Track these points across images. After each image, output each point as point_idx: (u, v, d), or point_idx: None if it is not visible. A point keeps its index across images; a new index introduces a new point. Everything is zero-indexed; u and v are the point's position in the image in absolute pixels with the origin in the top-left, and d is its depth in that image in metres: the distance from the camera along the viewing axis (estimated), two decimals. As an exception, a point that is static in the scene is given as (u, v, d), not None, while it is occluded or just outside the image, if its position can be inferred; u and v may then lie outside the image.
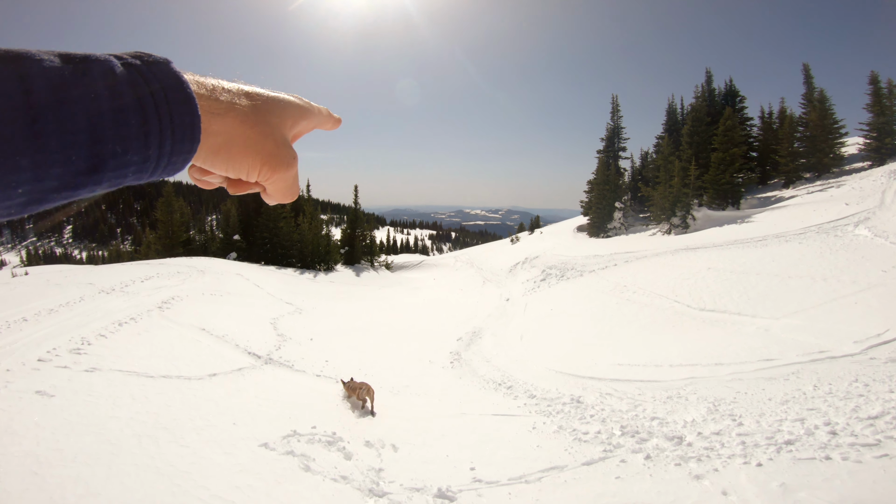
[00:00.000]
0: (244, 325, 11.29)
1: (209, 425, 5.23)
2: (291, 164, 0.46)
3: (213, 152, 0.40)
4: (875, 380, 5.66)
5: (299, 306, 16.05)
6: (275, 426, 5.58)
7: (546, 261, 22.14)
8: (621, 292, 13.60)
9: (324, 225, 32.98)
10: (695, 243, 17.37)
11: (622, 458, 4.91)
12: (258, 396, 6.66)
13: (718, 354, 7.85)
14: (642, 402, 6.55)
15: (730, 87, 33.25)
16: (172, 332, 9.20)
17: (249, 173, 0.44)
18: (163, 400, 5.72)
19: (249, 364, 8.38)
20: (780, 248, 13.03)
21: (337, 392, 7.61)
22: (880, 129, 24.51)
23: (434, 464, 5.21)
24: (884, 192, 16.62)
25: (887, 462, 3.82)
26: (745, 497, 3.71)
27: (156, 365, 7.06)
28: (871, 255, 10.64)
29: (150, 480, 3.89)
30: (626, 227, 30.42)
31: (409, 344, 12.50)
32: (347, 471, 4.73)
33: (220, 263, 20.81)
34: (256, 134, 0.42)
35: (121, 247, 67.15)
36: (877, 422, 4.55)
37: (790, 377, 6.36)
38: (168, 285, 13.78)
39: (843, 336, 7.33)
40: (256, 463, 4.56)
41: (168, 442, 4.61)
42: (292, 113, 0.46)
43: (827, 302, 8.92)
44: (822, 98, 27.43)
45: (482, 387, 8.68)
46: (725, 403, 5.91)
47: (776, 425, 4.96)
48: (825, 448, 4.25)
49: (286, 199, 0.50)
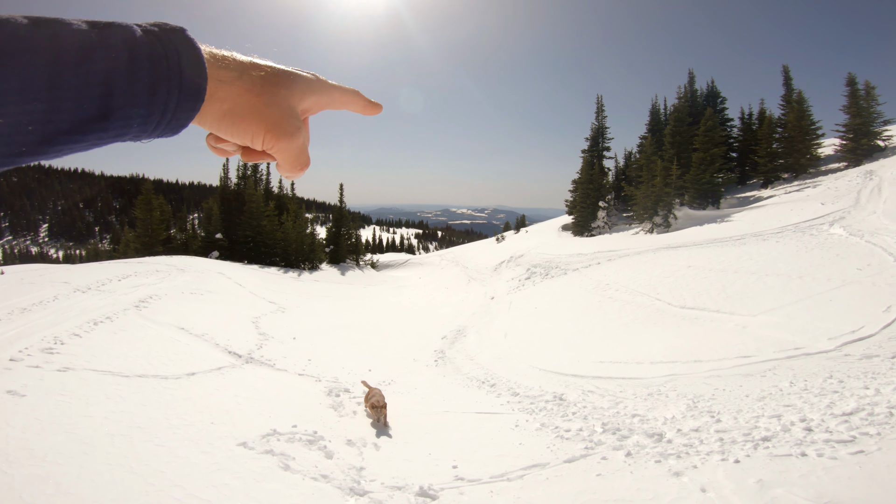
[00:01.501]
0: (225, 324, 11.14)
1: (186, 424, 5.16)
2: (295, 133, 0.47)
3: (219, 118, 0.43)
4: (849, 376, 5.80)
5: (282, 305, 15.88)
6: (254, 425, 5.51)
7: (531, 259, 22.25)
8: (604, 290, 13.73)
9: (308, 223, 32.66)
10: (676, 242, 17.62)
11: (603, 456, 4.94)
12: (238, 396, 6.57)
13: (697, 351, 7.97)
14: (623, 400, 6.62)
15: (711, 88, 33.81)
16: (150, 331, 9.04)
17: (254, 140, 0.46)
18: (138, 399, 5.64)
19: (229, 363, 8.27)
20: (758, 247, 13.29)
21: (318, 391, 7.55)
22: (856, 130, 25.06)
23: (416, 462, 5.19)
24: (859, 192, 17.06)
25: (862, 458, 3.89)
26: (723, 494, 3.75)
27: (132, 364, 6.94)
28: (845, 254, 10.91)
29: (123, 479, 3.83)
30: (609, 226, 30.73)
31: (394, 342, 12.47)
32: (328, 469, 4.68)
33: (200, 262, 20.46)
34: (262, 103, 0.44)
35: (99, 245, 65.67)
36: (851, 418, 4.65)
37: (767, 374, 6.49)
38: (146, 284, 13.50)
39: (819, 333, 7.50)
40: (234, 462, 4.50)
41: (143, 441, 4.55)
42: (302, 87, 0.48)
43: (803, 299, 9.12)
44: (800, 99, 28.04)
45: (466, 385, 8.69)
46: (704, 400, 6.00)
47: (753, 422, 5.05)
48: (801, 444, 4.33)
49: (294, 169, 0.51)
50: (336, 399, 7.30)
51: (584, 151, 35.20)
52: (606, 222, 30.87)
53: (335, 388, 7.84)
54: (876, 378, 5.55)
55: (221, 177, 32.19)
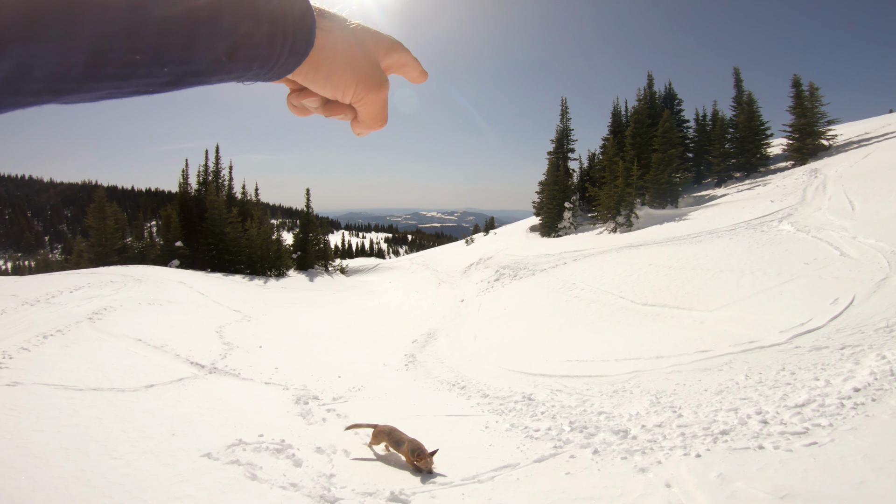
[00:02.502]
0: (186, 335, 10.81)
1: (145, 437, 5.03)
2: (383, 85, 0.51)
3: (316, 67, 0.45)
4: (800, 367, 6.11)
5: (248, 314, 15.50)
6: (218, 435, 5.38)
7: (499, 261, 22.47)
8: (570, 290, 14.02)
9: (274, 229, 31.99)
10: (637, 241, 18.17)
11: (571, 454, 5.03)
12: (201, 406, 6.41)
13: (659, 347, 8.24)
14: (590, 397, 6.77)
15: (669, 90, 35.07)
16: (104, 343, 8.76)
17: (345, 91, 0.48)
18: (93, 413, 5.49)
19: (191, 374, 8.05)
20: (713, 244, 13.86)
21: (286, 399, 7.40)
22: (802, 130, 26.30)
23: (387, 467, 5.17)
24: (805, 189, 18.04)
25: (816, 450, 4.08)
26: (687, 489, 3.88)
27: (85, 377, 6.74)
28: (793, 249, 11.51)
29: (79, 493, 3.71)
30: (575, 226, 31.36)
31: (364, 348, 12.35)
32: (297, 478, 4.60)
33: (159, 271, 19.76)
34: (355, 53, 0.47)
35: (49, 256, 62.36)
36: (804, 409, 4.90)
37: (724, 367, 6.77)
38: (100, 295, 12.99)
39: (770, 326, 7.88)
40: (198, 473, 4.39)
41: (99, 454, 4.43)
42: (385, 44, 0.51)
43: (755, 294, 9.57)
44: (749, 101, 29.40)
45: (436, 388, 8.69)
46: (666, 395, 6.21)
47: (712, 415, 5.26)
48: (758, 437, 4.53)
49: (376, 124, 0.54)
50: (305, 407, 7.19)
51: (550, 153, 35.81)
52: (572, 223, 31.49)
53: (304, 396, 7.71)
54: (826, 369, 5.86)
55: (181, 183, 31.14)
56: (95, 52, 0.30)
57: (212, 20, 0.34)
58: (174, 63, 0.34)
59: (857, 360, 5.85)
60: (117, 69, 0.31)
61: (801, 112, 26.73)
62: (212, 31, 0.35)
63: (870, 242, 10.60)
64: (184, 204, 30.12)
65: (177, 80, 0.35)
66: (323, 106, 0.52)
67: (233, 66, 0.38)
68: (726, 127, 30.30)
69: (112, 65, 0.31)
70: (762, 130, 28.56)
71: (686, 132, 33.57)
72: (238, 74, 0.39)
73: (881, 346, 6.15)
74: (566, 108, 36.01)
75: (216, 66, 0.36)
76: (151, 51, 0.32)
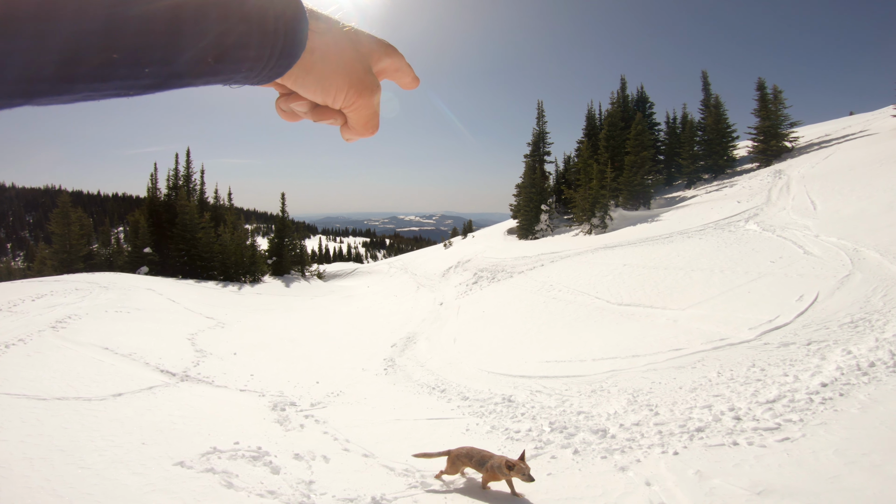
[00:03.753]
0: (156, 342, 10.54)
1: (114, 445, 4.90)
2: (375, 90, 0.50)
3: (308, 69, 0.44)
4: (770, 364, 6.30)
5: (221, 320, 15.14)
6: (192, 444, 5.25)
7: (478, 264, 22.55)
8: (548, 291, 14.16)
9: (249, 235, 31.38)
10: (612, 242, 18.52)
11: (552, 455, 5.08)
12: (172, 415, 6.25)
13: (635, 346, 8.38)
14: (569, 398, 6.84)
15: (641, 94, 35.96)
16: (69, 352, 8.53)
17: (336, 95, 0.47)
18: (58, 422, 5.34)
19: (162, 382, 7.85)
20: (684, 244, 14.24)
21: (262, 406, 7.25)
22: (766, 132, 27.24)
23: (368, 472, 5.11)
24: (769, 190, 18.72)
25: (789, 445, 4.21)
26: (667, 486, 3.94)
27: (49, 387, 6.56)
28: (759, 248, 11.91)
29: (45, 502, 3.62)
30: (551, 228, 31.76)
31: (342, 353, 12.21)
32: (275, 485, 4.51)
33: (127, 278, 19.17)
34: (348, 57, 0.47)
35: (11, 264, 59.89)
36: (775, 405, 5.05)
37: (697, 365, 6.94)
38: (64, 303, 12.59)
39: (740, 323, 8.12)
40: (171, 482, 4.27)
41: (65, 464, 4.30)
42: (378, 48, 0.50)
43: (725, 292, 9.85)
44: (717, 104, 30.34)
45: (416, 391, 8.65)
46: (643, 394, 6.32)
47: (687, 413, 5.37)
48: (732, 434, 4.65)
49: (367, 130, 0.53)
50: (282, 413, 7.07)
51: (527, 156, 36.20)
52: (549, 225, 31.88)
53: (280, 403, 7.58)
54: (794, 365, 6.06)
55: (149, 187, 30.28)
56: (70, 50, 0.28)
57: (197, 19, 0.33)
58: (156, 64, 0.32)
59: (824, 356, 6.07)
60: (94, 69, 0.30)
61: (765, 115, 27.68)
62: (197, 30, 0.33)
63: (832, 241, 11.04)
64: (153, 209, 29.28)
65: (159, 82, 0.34)
66: (312, 111, 0.50)
67: (219, 68, 0.36)
68: (695, 129, 31.22)
69: (88, 64, 0.29)
70: (729, 133, 29.51)
71: (657, 135, 34.48)
72: (225, 77, 0.38)
73: (846, 341, 6.40)
74: (542, 111, 36.50)
75: (201, 68, 0.35)
76: (131, 50, 0.30)
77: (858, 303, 7.61)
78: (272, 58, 0.39)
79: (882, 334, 6.30)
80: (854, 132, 24.97)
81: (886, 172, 14.33)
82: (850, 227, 11.56)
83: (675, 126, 34.44)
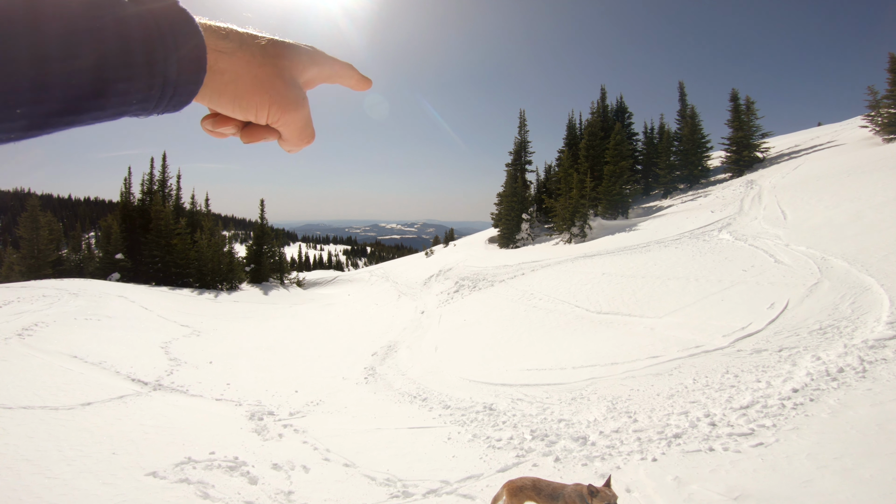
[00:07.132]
0: (127, 351, 10.31)
1: (82, 455, 4.79)
2: (301, 104, 0.47)
3: (220, 91, 0.42)
4: (743, 370, 6.46)
5: (197, 328, 14.83)
6: (165, 454, 5.15)
7: (459, 272, 22.60)
8: (528, 300, 14.27)
9: (226, 241, 30.79)
10: (591, 251, 18.79)
11: (534, 462, 5.10)
12: (144, 424, 6.14)
13: (614, 354, 8.50)
14: (550, 406, 6.89)
15: (620, 104, 36.70)
16: (35, 360, 8.32)
17: (258, 113, 0.45)
18: (24, 431, 5.23)
19: (133, 391, 7.67)
20: (661, 253, 14.54)
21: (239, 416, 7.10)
22: (739, 142, 27.94)
23: (349, 482, 5.06)
24: (742, 200, 19.26)
25: (763, 450, 4.31)
26: (647, 493, 3.99)
27: (14, 395, 6.40)
28: (732, 257, 12.24)
29: None
30: (532, 237, 32.03)
31: (322, 361, 12.07)
32: (253, 496, 4.44)
33: (97, 285, 18.64)
34: (265, 73, 0.43)
35: (-28, 271, 57.57)
36: (748, 411, 5.18)
37: (673, 372, 7.07)
38: (31, 310, 12.23)
39: (714, 331, 8.31)
40: (143, 492, 4.19)
41: (32, 474, 4.22)
42: (303, 58, 0.47)
43: (699, 300, 10.08)
44: (692, 114, 31.12)
45: (397, 400, 8.60)
46: (622, 401, 6.41)
47: (665, 419, 5.47)
48: (708, 440, 4.74)
49: (302, 142, 0.50)
50: (259, 423, 6.96)
51: (508, 165, 36.53)
52: (530, 234, 32.15)
53: (258, 412, 7.45)
54: (766, 371, 6.23)
55: (122, 192, 29.53)
56: None
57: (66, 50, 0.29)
58: (26, 104, 0.29)
59: (794, 362, 6.26)
60: None
61: (738, 125, 28.44)
62: (67, 64, 0.29)
63: (801, 249, 11.41)
64: (126, 214, 28.54)
65: (39, 124, 0.30)
66: (241, 131, 0.48)
67: (103, 104, 0.32)
68: (672, 140, 31.94)
69: None
70: (703, 143, 30.30)
71: (636, 145, 35.20)
72: (115, 112, 0.34)
73: (815, 347, 6.60)
74: (524, 120, 36.96)
75: (82, 105, 0.31)
76: None
77: (827, 310, 7.87)
78: (167, 86, 0.35)
79: (851, 340, 6.52)
80: (822, 143, 25.92)
81: (853, 183, 14.89)
82: (819, 236, 11.97)
83: (652, 136, 35.23)
